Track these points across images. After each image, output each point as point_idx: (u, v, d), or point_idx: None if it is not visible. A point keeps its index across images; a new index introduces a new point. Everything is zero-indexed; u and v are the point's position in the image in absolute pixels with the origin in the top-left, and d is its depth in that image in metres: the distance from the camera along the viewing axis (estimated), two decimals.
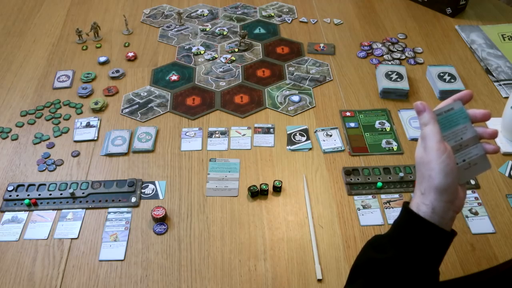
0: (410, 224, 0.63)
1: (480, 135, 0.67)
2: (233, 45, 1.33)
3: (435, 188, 0.61)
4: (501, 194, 0.95)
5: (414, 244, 0.62)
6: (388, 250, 0.63)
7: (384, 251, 0.64)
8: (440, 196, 0.61)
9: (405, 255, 0.62)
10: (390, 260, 0.62)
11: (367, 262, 0.65)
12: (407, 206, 0.65)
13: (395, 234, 0.65)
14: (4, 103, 1.16)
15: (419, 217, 0.62)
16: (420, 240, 0.62)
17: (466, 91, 0.69)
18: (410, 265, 0.62)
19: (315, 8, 1.49)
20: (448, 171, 0.61)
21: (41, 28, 1.40)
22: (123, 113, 1.12)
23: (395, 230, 0.65)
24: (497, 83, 1.20)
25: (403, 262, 0.62)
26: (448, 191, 0.61)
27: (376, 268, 0.63)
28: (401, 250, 0.63)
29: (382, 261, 0.63)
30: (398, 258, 0.62)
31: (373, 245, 0.67)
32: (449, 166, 0.61)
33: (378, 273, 0.63)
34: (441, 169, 0.61)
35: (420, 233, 0.62)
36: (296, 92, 1.18)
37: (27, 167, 1.00)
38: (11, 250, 0.86)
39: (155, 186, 0.96)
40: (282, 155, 1.03)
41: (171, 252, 0.85)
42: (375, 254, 0.64)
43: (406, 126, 1.08)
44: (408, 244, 0.63)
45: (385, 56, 1.29)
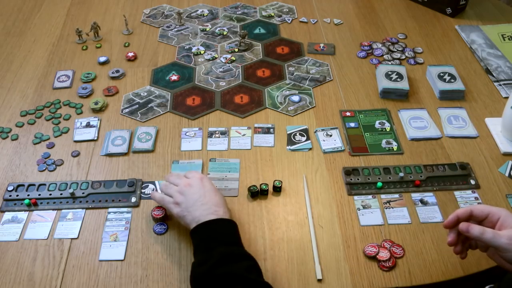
0: None
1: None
2: (233, 45, 1.33)
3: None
4: (501, 194, 0.95)
5: None
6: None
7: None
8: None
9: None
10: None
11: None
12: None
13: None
14: (4, 103, 1.16)
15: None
16: None
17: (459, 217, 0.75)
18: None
19: (315, 8, 1.49)
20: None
21: (41, 28, 1.40)
22: (123, 113, 1.12)
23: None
24: (497, 83, 1.20)
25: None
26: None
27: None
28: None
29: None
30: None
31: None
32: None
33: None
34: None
35: None
36: (296, 92, 1.18)
37: (27, 167, 1.00)
38: (11, 250, 0.86)
39: (155, 186, 0.96)
40: (282, 155, 1.03)
41: (171, 252, 0.85)
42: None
43: (406, 126, 1.08)
44: None
45: (385, 56, 1.29)
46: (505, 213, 0.72)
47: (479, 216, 0.73)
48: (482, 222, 0.73)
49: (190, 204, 0.82)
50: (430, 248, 0.86)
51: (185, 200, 0.83)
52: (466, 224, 0.72)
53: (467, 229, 0.71)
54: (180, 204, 0.83)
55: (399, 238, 0.87)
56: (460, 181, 0.97)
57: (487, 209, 0.73)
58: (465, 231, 0.71)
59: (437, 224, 0.89)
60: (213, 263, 0.72)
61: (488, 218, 0.73)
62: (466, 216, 0.73)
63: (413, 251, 0.85)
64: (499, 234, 0.69)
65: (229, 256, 0.73)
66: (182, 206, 0.83)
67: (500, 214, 0.72)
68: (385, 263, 0.83)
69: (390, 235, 0.88)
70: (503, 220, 0.71)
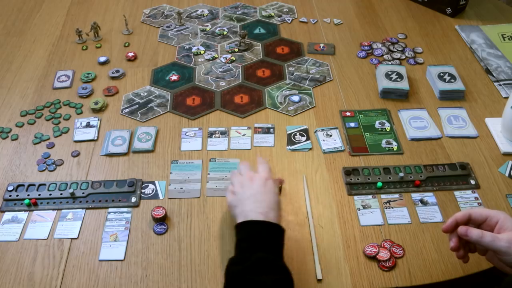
0: None
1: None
2: (233, 45, 1.33)
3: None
4: (501, 194, 0.95)
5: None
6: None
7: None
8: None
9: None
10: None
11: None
12: None
13: None
14: (4, 103, 1.16)
15: None
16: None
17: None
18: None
19: (315, 8, 1.49)
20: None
21: (41, 28, 1.40)
22: (123, 113, 1.12)
23: None
24: (497, 83, 1.20)
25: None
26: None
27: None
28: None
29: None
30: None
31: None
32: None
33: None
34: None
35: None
36: (296, 92, 1.18)
37: (27, 167, 1.00)
38: (11, 250, 0.86)
39: (155, 186, 0.96)
40: (282, 155, 1.03)
41: (171, 252, 0.85)
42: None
43: (406, 126, 1.08)
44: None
45: (385, 56, 1.29)
46: (504, 216, 0.72)
47: (477, 219, 0.73)
48: (481, 225, 0.73)
49: (245, 197, 0.82)
50: (430, 248, 0.86)
51: (242, 191, 0.83)
52: (465, 228, 0.72)
53: (466, 233, 0.71)
54: (236, 194, 0.83)
55: (399, 238, 0.87)
56: (460, 181, 0.97)
57: (486, 213, 0.73)
58: (464, 234, 0.72)
59: (437, 224, 0.89)
60: (247, 267, 0.72)
61: (487, 221, 0.73)
62: (464, 220, 0.73)
63: (413, 251, 0.85)
64: (498, 238, 0.69)
65: (263, 265, 0.72)
66: (237, 196, 0.83)
67: (499, 217, 0.72)
68: (385, 263, 0.83)
69: (390, 235, 0.88)
70: (501, 223, 0.71)
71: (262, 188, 0.82)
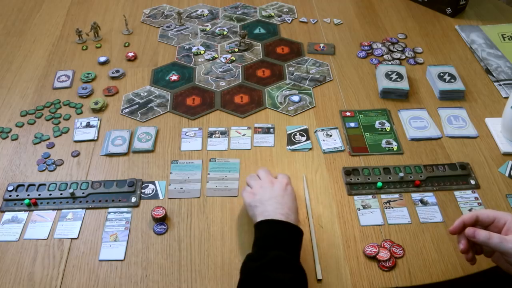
0: None
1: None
2: (233, 45, 1.33)
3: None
4: (501, 194, 0.95)
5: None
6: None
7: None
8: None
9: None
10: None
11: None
12: None
13: None
14: (4, 103, 1.16)
15: None
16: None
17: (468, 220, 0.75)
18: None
19: (315, 8, 1.49)
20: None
21: (41, 28, 1.40)
22: (123, 113, 1.12)
23: None
24: (497, 83, 1.20)
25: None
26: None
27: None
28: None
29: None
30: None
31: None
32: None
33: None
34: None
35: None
36: (296, 92, 1.18)
37: (27, 167, 1.00)
38: (11, 250, 0.86)
39: (155, 186, 0.96)
40: (282, 155, 1.03)
41: (171, 252, 0.85)
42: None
43: (406, 126, 1.08)
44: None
45: (385, 56, 1.29)
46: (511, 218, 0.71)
47: (485, 221, 0.73)
48: (488, 227, 0.73)
49: (265, 198, 0.82)
50: (430, 248, 0.86)
51: (262, 193, 0.84)
52: (472, 229, 0.71)
53: (473, 234, 0.71)
54: (256, 194, 0.84)
55: (399, 238, 0.87)
56: (460, 181, 0.97)
57: (493, 214, 0.73)
58: (471, 236, 0.71)
59: (437, 224, 0.89)
60: (263, 264, 0.72)
61: (494, 223, 0.72)
62: (472, 221, 0.73)
63: (413, 251, 0.85)
64: (506, 239, 0.68)
65: (280, 262, 0.73)
66: (257, 197, 0.83)
67: (506, 218, 0.71)
68: (385, 263, 0.83)
69: (390, 235, 0.88)
70: (509, 224, 0.71)
71: (283, 192, 0.84)
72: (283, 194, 0.84)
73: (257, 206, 0.82)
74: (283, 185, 0.86)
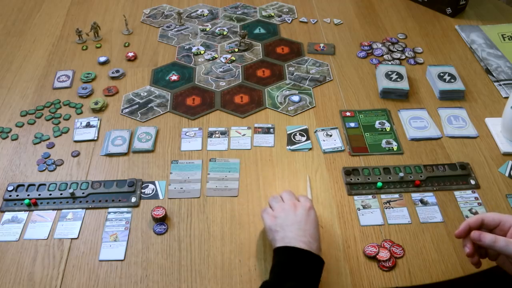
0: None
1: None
2: (233, 45, 1.33)
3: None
4: (501, 194, 0.95)
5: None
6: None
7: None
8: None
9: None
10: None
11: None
12: None
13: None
14: (4, 103, 1.16)
15: None
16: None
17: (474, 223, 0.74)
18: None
19: (315, 8, 1.49)
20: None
21: (41, 28, 1.40)
22: (123, 113, 1.12)
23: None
24: (497, 83, 1.20)
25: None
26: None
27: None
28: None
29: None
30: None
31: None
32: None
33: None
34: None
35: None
36: (296, 92, 1.18)
37: (27, 167, 1.00)
38: (11, 250, 0.86)
39: (155, 186, 0.96)
40: (282, 155, 1.03)
41: (171, 252, 0.85)
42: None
43: (406, 126, 1.08)
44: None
45: (385, 56, 1.29)
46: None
47: (490, 224, 0.72)
48: (493, 230, 0.73)
49: (287, 223, 0.79)
50: (430, 248, 0.86)
51: (284, 217, 0.80)
52: (478, 233, 0.71)
53: (479, 238, 0.70)
54: (277, 218, 0.80)
55: (399, 238, 0.87)
56: (460, 181, 0.97)
57: (498, 217, 0.72)
58: (477, 239, 0.71)
59: (437, 224, 0.90)
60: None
61: (500, 226, 0.72)
62: (477, 225, 0.73)
63: (413, 251, 0.85)
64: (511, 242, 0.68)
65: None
66: (278, 221, 0.79)
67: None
68: (385, 263, 0.83)
69: (390, 235, 0.88)
70: None
71: (306, 218, 0.80)
72: (306, 220, 0.79)
73: (278, 231, 0.78)
74: (306, 210, 0.81)
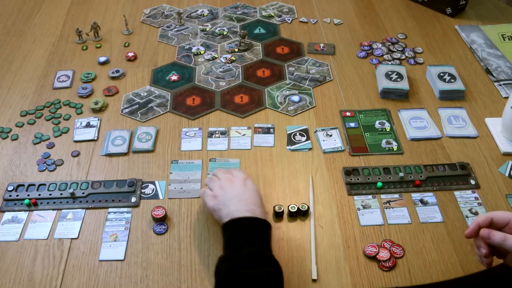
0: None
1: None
2: (233, 45, 1.33)
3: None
4: (501, 194, 0.95)
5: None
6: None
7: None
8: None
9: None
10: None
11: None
12: None
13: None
14: (4, 103, 1.16)
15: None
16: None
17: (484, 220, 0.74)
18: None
19: (315, 8, 1.49)
20: None
21: (41, 28, 1.40)
22: (123, 113, 1.12)
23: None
24: (497, 83, 1.20)
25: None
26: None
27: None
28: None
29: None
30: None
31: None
32: None
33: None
34: None
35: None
36: (296, 92, 1.18)
37: (27, 167, 1.00)
38: (11, 250, 0.86)
39: (155, 186, 0.96)
40: (282, 155, 1.03)
41: (171, 252, 0.85)
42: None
43: (406, 126, 1.08)
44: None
45: (385, 56, 1.29)
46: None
47: (500, 223, 0.72)
48: (503, 228, 0.72)
49: (227, 199, 0.82)
50: (430, 248, 0.86)
51: (223, 194, 0.83)
52: (487, 231, 0.71)
53: (488, 236, 0.70)
54: (217, 197, 0.84)
55: (399, 238, 0.87)
56: (460, 181, 0.97)
57: (508, 216, 0.72)
58: (486, 237, 0.71)
59: (437, 224, 0.89)
60: (237, 262, 0.72)
61: (510, 224, 0.72)
62: (487, 223, 0.72)
63: (413, 251, 0.85)
64: None
65: (254, 258, 0.73)
66: (219, 199, 0.83)
67: None
68: (385, 263, 0.83)
69: (390, 235, 0.88)
70: None
71: (243, 188, 0.84)
72: (244, 190, 0.83)
73: (221, 209, 0.82)
74: (241, 180, 0.85)
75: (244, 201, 0.81)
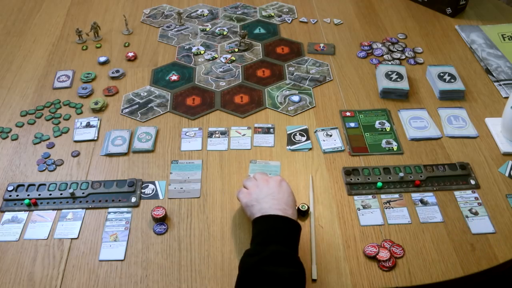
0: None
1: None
2: (233, 45, 1.33)
3: None
4: (501, 194, 0.95)
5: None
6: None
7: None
8: None
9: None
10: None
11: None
12: None
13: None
14: (4, 103, 1.16)
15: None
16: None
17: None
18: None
19: (315, 8, 1.49)
20: None
21: (41, 28, 1.40)
22: (123, 113, 1.12)
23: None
24: (497, 83, 1.20)
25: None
26: None
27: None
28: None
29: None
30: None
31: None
32: None
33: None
34: None
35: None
36: (296, 92, 1.18)
37: (27, 167, 1.00)
38: (11, 250, 0.86)
39: (155, 186, 0.96)
40: (282, 155, 1.03)
41: (171, 252, 0.86)
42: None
43: (406, 126, 1.08)
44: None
45: (385, 56, 1.29)
46: None
47: None
48: None
49: (261, 196, 0.83)
50: (430, 248, 0.86)
51: (258, 191, 0.84)
52: None
53: None
54: (251, 194, 0.84)
55: (399, 238, 0.87)
56: (460, 181, 0.97)
57: None
58: None
59: (437, 224, 0.89)
60: (262, 258, 0.73)
61: None
62: None
63: (413, 251, 0.85)
64: None
65: (279, 256, 0.73)
66: (253, 196, 0.84)
67: None
68: (385, 263, 0.83)
69: (390, 235, 0.88)
70: None
71: (278, 188, 0.84)
72: (279, 189, 0.84)
73: (254, 205, 0.82)
74: (277, 181, 0.86)
75: (277, 200, 0.82)
